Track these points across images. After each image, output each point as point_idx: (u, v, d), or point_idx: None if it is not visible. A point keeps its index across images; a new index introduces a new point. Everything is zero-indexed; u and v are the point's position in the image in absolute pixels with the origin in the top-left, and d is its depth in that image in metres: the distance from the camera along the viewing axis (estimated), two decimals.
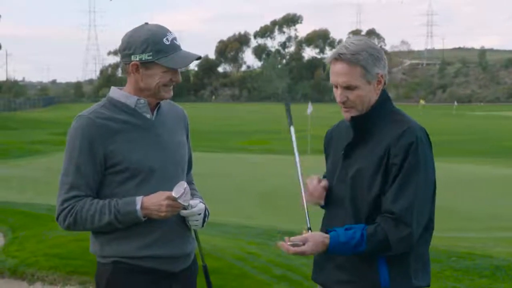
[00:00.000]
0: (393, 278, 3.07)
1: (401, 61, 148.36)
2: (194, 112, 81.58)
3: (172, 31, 3.21)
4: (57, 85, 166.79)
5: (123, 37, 3.22)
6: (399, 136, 3.03)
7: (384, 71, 3.18)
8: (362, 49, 3.09)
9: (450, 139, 38.51)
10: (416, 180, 3.00)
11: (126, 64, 3.19)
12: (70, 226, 3.18)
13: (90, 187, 3.17)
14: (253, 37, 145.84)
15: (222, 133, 44.61)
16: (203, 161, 24.91)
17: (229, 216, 12.76)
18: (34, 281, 7.18)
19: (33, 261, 7.51)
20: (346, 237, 3.00)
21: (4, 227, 9.77)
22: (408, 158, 3.00)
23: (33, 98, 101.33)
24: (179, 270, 3.34)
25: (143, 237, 3.20)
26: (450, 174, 21.09)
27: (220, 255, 7.79)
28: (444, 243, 9.97)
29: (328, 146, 3.41)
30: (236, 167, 22.71)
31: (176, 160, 3.34)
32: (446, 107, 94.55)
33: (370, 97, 3.14)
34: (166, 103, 3.40)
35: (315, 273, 3.34)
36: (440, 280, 7.47)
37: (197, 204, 3.29)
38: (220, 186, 17.61)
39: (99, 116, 3.18)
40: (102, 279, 3.26)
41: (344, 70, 3.09)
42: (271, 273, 7.22)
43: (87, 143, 3.13)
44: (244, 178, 19.65)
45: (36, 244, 8.18)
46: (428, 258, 3.25)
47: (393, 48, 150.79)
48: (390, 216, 2.99)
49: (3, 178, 19.01)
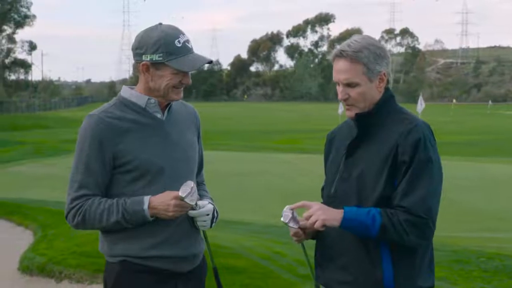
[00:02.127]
0: (397, 278, 3.06)
1: (435, 60, 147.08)
2: (226, 111, 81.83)
3: (185, 34, 3.22)
4: (91, 84, 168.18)
5: (136, 35, 3.24)
6: (406, 133, 3.02)
7: (387, 69, 3.18)
8: (364, 46, 3.11)
9: (483, 139, 38.07)
10: (427, 176, 3.00)
11: (138, 63, 3.21)
12: (79, 225, 3.21)
13: (99, 186, 3.19)
14: (286, 37, 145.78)
15: (253, 132, 44.59)
16: (232, 160, 25.12)
17: (256, 215, 12.77)
18: (61, 279, 7.27)
19: (60, 259, 7.60)
20: (360, 208, 3.02)
21: (34, 225, 9.91)
22: (417, 154, 2.99)
23: (68, 97, 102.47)
24: (187, 270, 3.34)
25: (151, 237, 3.21)
26: (481, 174, 20.90)
27: (246, 254, 7.82)
28: (473, 244, 9.88)
29: (330, 146, 3.40)
30: (266, 166, 22.67)
31: (186, 160, 3.34)
32: (480, 107, 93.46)
33: (373, 95, 3.15)
34: (177, 102, 3.40)
35: (318, 273, 3.33)
36: (468, 281, 7.42)
37: (206, 205, 3.29)
38: (249, 185, 17.65)
39: (109, 115, 3.20)
40: (110, 278, 3.29)
41: (346, 68, 3.11)
42: (296, 273, 7.22)
43: (96, 142, 3.15)
44: (273, 177, 19.63)
45: (64, 243, 8.28)
46: (432, 258, 3.22)
47: (427, 47, 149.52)
48: (401, 209, 2.98)
49: (36, 176, 19.24)
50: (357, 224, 2.99)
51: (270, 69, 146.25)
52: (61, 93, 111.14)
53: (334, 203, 3.17)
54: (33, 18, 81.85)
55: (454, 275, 7.63)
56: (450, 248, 9.23)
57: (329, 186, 3.27)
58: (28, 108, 78.88)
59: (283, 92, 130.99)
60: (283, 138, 40.03)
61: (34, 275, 7.56)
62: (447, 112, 71.53)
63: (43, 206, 11.79)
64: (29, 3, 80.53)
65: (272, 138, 39.98)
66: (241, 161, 25.14)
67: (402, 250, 3.05)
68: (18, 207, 11.45)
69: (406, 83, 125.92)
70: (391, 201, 3.03)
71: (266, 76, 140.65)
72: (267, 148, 32.36)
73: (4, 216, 11.01)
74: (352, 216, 2.99)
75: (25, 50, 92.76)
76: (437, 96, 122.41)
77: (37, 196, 13.89)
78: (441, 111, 73.93)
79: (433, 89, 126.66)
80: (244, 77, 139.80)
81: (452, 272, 7.74)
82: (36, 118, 61.38)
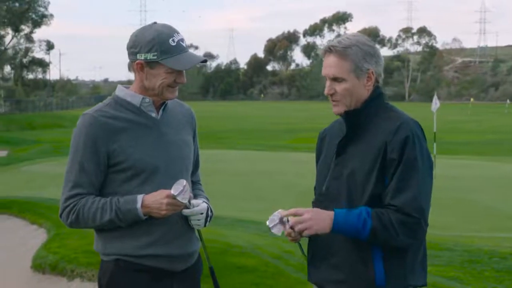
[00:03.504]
0: (389, 276, 3.05)
1: (452, 59, 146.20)
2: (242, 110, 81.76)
3: (180, 32, 3.23)
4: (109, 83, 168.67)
5: (131, 34, 3.24)
6: (394, 131, 3.02)
7: (376, 68, 3.16)
8: (353, 44, 3.12)
9: (500, 138, 37.85)
10: (416, 173, 2.99)
11: (132, 62, 3.21)
12: (73, 224, 3.22)
13: (93, 185, 3.20)
14: (302, 36, 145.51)
15: (269, 131, 44.64)
16: (247, 159, 25.16)
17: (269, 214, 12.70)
18: (73, 277, 7.29)
19: (72, 258, 7.62)
20: (351, 211, 3.00)
21: (48, 223, 9.94)
22: (406, 152, 2.99)
23: (85, 96, 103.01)
24: (181, 269, 3.34)
25: (145, 236, 3.21)
26: (498, 173, 20.78)
27: (257, 253, 7.82)
28: (487, 243, 9.83)
29: (321, 145, 3.40)
30: (281, 165, 22.69)
31: (181, 159, 3.34)
32: (498, 106, 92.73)
33: (359, 92, 3.15)
34: (173, 102, 3.41)
35: (310, 273, 3.33)
36: (480, 281, 7.39)
37: (200, 204, 3.29)
38: (264, 184, 17.67)
39: (104, 114, 3.20)
40: (104, 277, 3.29)
41: (334, 63, 3.13)
42: (306, 272, 7.19)
43: (90, 142, 3.16)
44: (288, 176, 19.63)
45: (76, 241, 8.30)
46: (424, 256, 3.20)
47: (445, 45, 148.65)
48: (393, 208, 2.98)
49: (53, 175, 19.33)
50: (347, 228, 3.00)
51: (287, 68, 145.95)
52: (78, 92, 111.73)
53: (325, 202, 3.18)
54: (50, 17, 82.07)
55: (466, 274, 7.60)
56: (462, 247, 9.19)
57: (321, 185, 3.27)
58: (46, 107, 79.47)
59: (299, 91, 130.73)
60: (299, 137, 40.01)
61: (46, 273, 7.60)
62: (465, 111, 71.07)
63: (57, 205, 11.79)
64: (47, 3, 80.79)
65: (288, 137, 40.00)
66: (256, 160, 25.18)
67: (393, 249, 3.04)
68: (32, 206, 11.51)
69: (424, 82, 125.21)
70: (382, 199, 3.02)
71: (283, 75, 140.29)
72: (283, 147, 32.38)
73: (18, 214, 11.08)
74: (342, 220, 2.99)
75: (43, 50, 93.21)
76: (454, 95, 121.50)
77: (53, 195, 13.95)
78: (458, 110, 73.52)
79: (451, 88, 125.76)
80: (260, 76, 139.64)
81: (464, 272, 7.71)
82: (54, 117, 61.80)
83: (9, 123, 55.41)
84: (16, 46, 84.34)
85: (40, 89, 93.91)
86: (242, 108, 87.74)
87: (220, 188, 16.03)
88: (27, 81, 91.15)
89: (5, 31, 77.76)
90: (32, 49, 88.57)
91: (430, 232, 3.28)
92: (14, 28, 78.87)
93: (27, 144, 34.96)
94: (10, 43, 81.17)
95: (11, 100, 74.63)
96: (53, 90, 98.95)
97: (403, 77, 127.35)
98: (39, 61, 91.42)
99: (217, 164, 22.01)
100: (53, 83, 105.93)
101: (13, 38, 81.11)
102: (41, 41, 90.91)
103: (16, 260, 8.59)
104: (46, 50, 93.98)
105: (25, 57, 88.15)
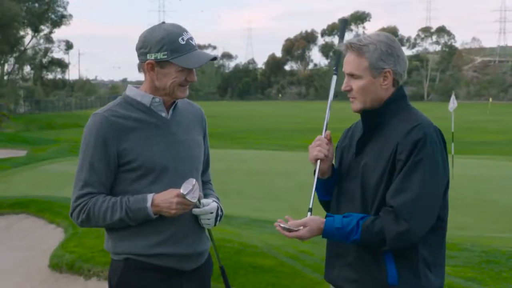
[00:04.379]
0: (402, 276, 3.04)
1: (472, 58, 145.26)
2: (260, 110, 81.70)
3: (188, 31, 3.23)
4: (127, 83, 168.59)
5: (140, 35, 3.25)
6: (407, 132, 3.00)
7: (396, 67, 3.14)
8: (371, 42, 3.12)
9: None
10: (420, 177, 2.95)
11: (142, 63, 3.22)
12: (84, 223, 3.25)
13: (104, 184, 3.22)
14: (320, 35, 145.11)
15: (287, 131, 44.61)
16: (265, 159, 25.14)
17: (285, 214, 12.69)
18: (90, 277, 7.32)
19: (89, 257, 7.65)
20: (341, 224, 3.01)
21: (66, 222, 9.98)
22: (413, 154, 2.96)
23: (104, 96, 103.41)
24: (192, 268, 3.34)
25: (155, 235, 3.22)
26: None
27: (273, 253, 7.80)
28: (505, 244, 9.73)
29: (343, 141, 3.40)
30: (299, 165, 22.62)
31: (191, 158, 3.35)
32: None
33: (376, 91, 3.14)
34: (183, 102, 3.42)
35: (326, 271, 3.34)
36: (498, 282, 7.34)
37: (210, 203, 3.30)
38: (281, 184, 17.63)
39: (114, 114, 3.22)
40: (114, 276, 3.31)
41: (351, 60, 3.15)
42: (322, 272, 7.16)
43: (100, 141, 3.18)
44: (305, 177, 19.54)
45: (93, 240, 8.32)
46: (442, 260, 3.18)
47: (464, 45, 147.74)
48: (390, 209, 2.96)
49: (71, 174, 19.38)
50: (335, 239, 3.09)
51: (305, 68, 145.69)
52: (97, 92, 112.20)
53: (342, 201, 3.21)
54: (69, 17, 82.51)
55: (484, 275, 7.56)
56: (480, 248, 9.12)
57: (339, 183, 3.28)
58: (65, 107, 80.00)
59: (317, 91, 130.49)
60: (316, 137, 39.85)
61: (63, 272, 7.63)
62: (484, 111, 70.60)
63: None
64: (66, 3, 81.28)
65: (306, 137, 39.88)
66: (273, 159, 25.15)
67: (405, 249, 3.03)
68: (50, 205, 11.55)
69: (443, 81, 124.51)
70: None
71: (301, 75, 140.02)
72: (300, 147, 32.30)
73: (37, 214, 11.13)
74: (329, 236, 3.07)
75: (62, 50, 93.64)
76: (474, 94, 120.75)
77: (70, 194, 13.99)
78: (477, 110, 73.05)
79: (470, 88, 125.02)
80: (278, 76, 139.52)
81: (482, 273, 7.67)
82: (73, 117, 62.13)
83: (28, 123, 55.82)
84: (36, 47, 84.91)
85: (59, 89, 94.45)
86: (259, 108, 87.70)
87: (237, 188, 16.05)
88: (47, 81, 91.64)
89: (25, 32, 78.29)
90: (51, 49, 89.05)
91: (447, 232, 3.25)
92: (33, 29, 79.42)
93: (46, 144, 35.15)
94: (29, 43, 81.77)
95: (31, 100, 75.18)
96: (72, 90, 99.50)
97: (422, 77, 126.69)
98: (58, 61, 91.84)
99: (234, 163, 22.02)
100: (72, 83, 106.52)
101: (33, 38, 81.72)
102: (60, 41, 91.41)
103: (34, 259, 8.64)
104: (65, 50, 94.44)
105: (45, 57, 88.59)
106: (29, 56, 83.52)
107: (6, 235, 10.47)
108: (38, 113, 68.91)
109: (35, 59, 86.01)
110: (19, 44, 75.77)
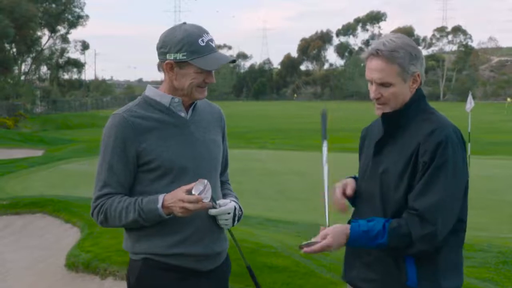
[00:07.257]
0: (421, 278, 3.02)
1: (488, 58, 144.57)
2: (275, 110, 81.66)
3: (209, 33, 3.22)
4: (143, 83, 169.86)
5: (160, 35, 3.25)
6: (429, 134, 2.98)
7: (421, 70, 3.12)
8: (400, 46, 3.05)
9: None
10: (443, 179, 2.93)
11: (162, 62, 3.22)
12: (103, 223, 3.26)
13: (122, 185, 3.22)
14: (336, 35, 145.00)
15: (302, 131, 44.48)
16: (281, 158, 25.12)
17: (300, 214, 12.72)
18: (106, 276, 7.33)
19: (105, 256, 7.66)
20: (367, 227, 2.97)
21: (82, 222, 10.01)
22: (437, 156, 2.94)
23: (120, 96, 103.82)
24: (209, 269, 3.33)
25: (172, 235, 3.21)
26: None
27: (288, 253, 7.79)
28: None
29: (362, 144, 3.40)
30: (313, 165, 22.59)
31: (209, 159, 3.34)
32: None
33: (404, 95, 3.10)
34: (202, 102, 3.41)
35: (345, 271, 3.33)
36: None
37: (227, 203, 3.28)
38: (296, 184, 17.61)
39: (133, 114, 3.22)
40: (132, 275, 3.31)
41: (381, 67, 3.06)
42: (338, 272, 7.15)
43: (120, 141, 3.18)
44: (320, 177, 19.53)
45: (109, 240, 8.34)
46: (460, 261, 3.16)
47: (480, 44, 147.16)
48: (414, 212, 2.94)
49: (87, 174, 19.52)
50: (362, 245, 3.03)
51: (320, 68, 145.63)
52: (113, 92, 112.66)
53: (361, 202, 3.21)
54: (86, 18, 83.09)
55: (500, 276, 7.49)
56: (497, 249, 9.05)
57: (358, 184, 3.28)
58: (81, 107, 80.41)
59: (333, 91, 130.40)
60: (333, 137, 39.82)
61: (79, 271, 7.65)
62: (501, 111, 70.19)
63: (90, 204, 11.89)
64: (82, 4, 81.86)
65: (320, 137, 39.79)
66: (288, 159, 25.13)
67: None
68: (67, 204, 11.59)
69: (459, 81, 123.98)
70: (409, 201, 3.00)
71: (316, 75, 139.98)
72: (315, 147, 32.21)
73: (53, 213, 11.17)
74: (356, 241, 3.01)
75: (78, 50, 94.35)
76: (490, 94, 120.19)
77: (86, 194, 14.07)
78: (494, 110, 72.62)
79: (487, 88, 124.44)
80: (294, 76, 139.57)
81: (498, 274, 7.60)
82: (89, 117, 62.43)
83: (45, 122, 56.14)
84: (52, 47, 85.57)
85: (76, 89, 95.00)
86: (275, 108, 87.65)
87: (251, 188, 16.04)
88: (63, 81, 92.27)
89: (42, 32, 78.87)
90: (67, 50, 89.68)
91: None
92: (50, 29, 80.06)
93: (62, 144, 35.32)
94: (46, 43, 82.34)
95: (47, 100, 75.64)
96: (88, 90, 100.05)
97: (438, 77, 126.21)
98: (74, 62, 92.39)
99: (249, 163, 22.01)
100: (88, 83, 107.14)
101: (49, 38, 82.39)
102: (77, 41, 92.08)
103: (50, 258, 8.68)
104: (82, 50, 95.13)
105: (61, 58, 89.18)
106: (45, 56, 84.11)
107: (22, 235, 10.53)
108: (54, 113, 69.28)
109: (51, 59, 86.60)
110: (36, 44, 76.33)
